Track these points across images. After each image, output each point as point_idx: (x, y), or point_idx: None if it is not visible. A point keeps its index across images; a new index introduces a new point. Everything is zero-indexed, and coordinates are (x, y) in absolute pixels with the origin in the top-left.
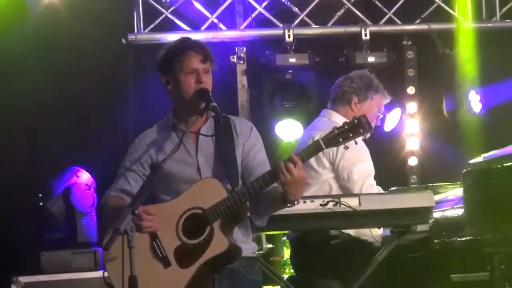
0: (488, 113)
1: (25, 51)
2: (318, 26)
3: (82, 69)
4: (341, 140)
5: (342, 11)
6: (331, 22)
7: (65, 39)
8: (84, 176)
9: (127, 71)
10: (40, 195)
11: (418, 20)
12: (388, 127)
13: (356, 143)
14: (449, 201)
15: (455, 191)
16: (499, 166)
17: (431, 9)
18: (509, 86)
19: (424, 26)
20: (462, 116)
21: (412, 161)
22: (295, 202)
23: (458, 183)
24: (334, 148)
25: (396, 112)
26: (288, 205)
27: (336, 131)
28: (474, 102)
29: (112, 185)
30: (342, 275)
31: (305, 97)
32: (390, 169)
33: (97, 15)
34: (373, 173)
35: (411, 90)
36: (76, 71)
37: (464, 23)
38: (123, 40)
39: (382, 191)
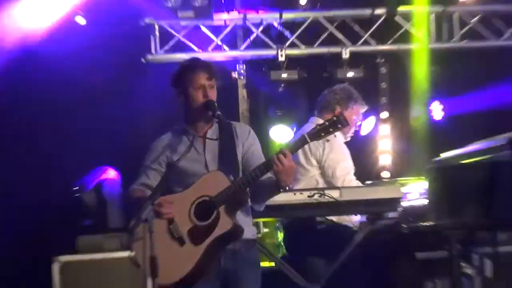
0: (449, 120)
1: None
2: (306, 46)
3: (108, 86)
4: (323, 134)
5: (326, 34)
6: (316, 44)
7: (94, 60)
8: (112, 173)
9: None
10: (76, 188)
11: (390, 41)
12: (364, 131)
13: (335, 136)
14: (415, 192)
15: (420, 184)
16: (455, 163)
17: (400, 31)
18: (469, 99)
19: (394, 47)
20: (424, 122)
21: (384, 160)
22: (286, 188)
23: (422, 177)
24: (321, 150)
25: (371, 119)
26: (281, 190)
27: (318, 127)
28: (436, 111)
29: (135, 180)
30: (327, 254)
31: (295, 106)
32: (366, 166)
33: (120, 39)
34: (353, 170)
35: (383, 100)
36: (103, 88)
37: (426, 44)
38: (142, 59)
39: (360, 184)
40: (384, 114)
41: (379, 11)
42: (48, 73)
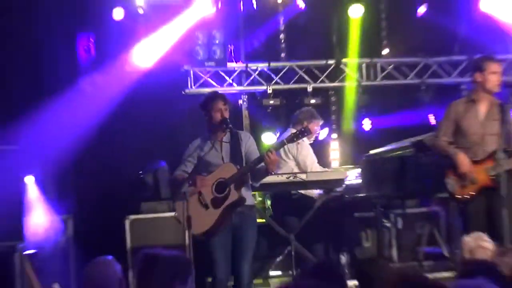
0: (374, 130)
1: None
2: (284, 84)
3: (161, 108)
4: (295, 139)
5: (297, 76)
6: (291, 82)
7: (155, 90)
8: (163, 164)
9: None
10: (141, 172)
11: (337, 80)
12: (321, 137)
13: (303, 140)
14: (353, 175)
15: (357, 170)
16: (378, 156)
17: (343, 74)
18: (387, 118)
19: (339, 84)
20: (352, 131)
21: (334, 155)
22: (272, 172)
23: (357, 166)
24: (295, 149)
25: (325, 129)
26: (269, 174)
27: (292, 134)
28: (366, 124)
29: (177, 168)
30: (298, 214)
31: (277, 121)
32: (322, 158)
33: (171, 78)
34: (316, 161)
35: (333, 118)
36: (160, 109)
37: (358, 82)
38: (182, 92)
39: (320, 170)
40: (333, 127)
41: (331, 61)
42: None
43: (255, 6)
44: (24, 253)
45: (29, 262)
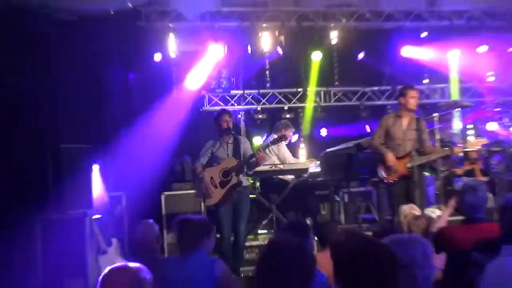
0: (329, 136)
1: None
2: (269, 104)
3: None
4: (276, 142)
5: (277, 99)
6: (273, 103)
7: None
8: (187, 158)
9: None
10: (172, 163)
11: (304, 102)
12: (293, 140)
13: (282, 143)
14: (316, 165)
15: (317, 162)
16: (332, 153)
17: (300, 94)
18: (339, 128)
19: (306, 104)
20: (316, 137)
21: (302, 152)
22: (261, 165)
23: (318, 159)
24: (276, 149)
25: (296, 135)
26: (258, 165)
27: (274, 139)
28: (323, 132)
29: (196, 161)
30: (278, 192)
31: (264, 129)
32: (294, 155)
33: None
34: (290, 156)
35: (301, 127)
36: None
37: (317, 103)
38: (201, 109)
39: (293, 161)
40: (301, 133)
41: (300, 89)
42: None
43: (249, 51)
44: (92, 217)
45: (96, 224)
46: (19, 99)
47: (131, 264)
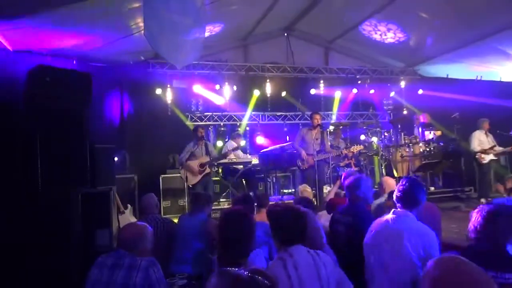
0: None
1: None
2: (228, 122)
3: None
4: (235, 150)
5: (232, 118)
6: (231, 121)
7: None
8: (176, 154)
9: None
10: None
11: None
12: (241, 144)
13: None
14: (254, 160)
15: (257, 157)
16: (267, 151)
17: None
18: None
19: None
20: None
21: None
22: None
23: (258, 156)
24: (233, 150)
25: (244, 141)
26: (222, 159)
27: (233, 148)
28: (259, 139)
29: (181, 156)
30: (233, 175)
31: (225, 136)
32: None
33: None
34: (242, 153)
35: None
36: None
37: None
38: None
39: (243, 156)
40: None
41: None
42: None
43: (217, 88)
44: (113, 190)
45: (116, 195)
46: (71, 115)
47: (138, 222)
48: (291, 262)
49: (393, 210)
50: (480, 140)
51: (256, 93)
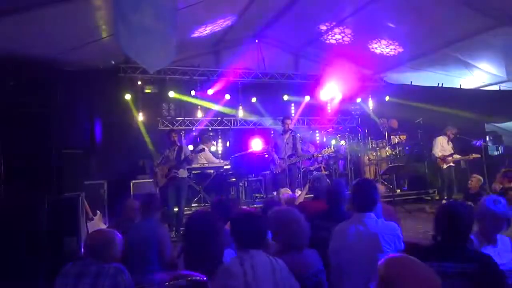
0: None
1: None
2: (199, 127)
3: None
4: (200, 151)
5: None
6: (203, 125)
7: None
8: (146, 159)
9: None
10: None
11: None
12: (212, 149)
13: (207, 150)
14: (228, 164)
15: (229, 162)
16: (239, 155)
17: (218, 121)
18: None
19: (219, 127)
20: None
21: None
22: (194, 164)
23: (229, 160)
24: (203, 154)
25: (214, 146)
26: (192, 164)
27: (199, 149)
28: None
29: (158, 160)
30: (204, 179)
31: (197, 140)
32: (216, 157)
33: None
34: (212, 157)
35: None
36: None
37: (227, 126)
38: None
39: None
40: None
41: (218, 117)
42: None
43: (192, 94)
44: (82, 197)
45: (85, 201)
46: (36, 120)
47: (107, 229)
48: (249, 261)
49: (355, 214)
50: (442, 146)
51: (227, 97)
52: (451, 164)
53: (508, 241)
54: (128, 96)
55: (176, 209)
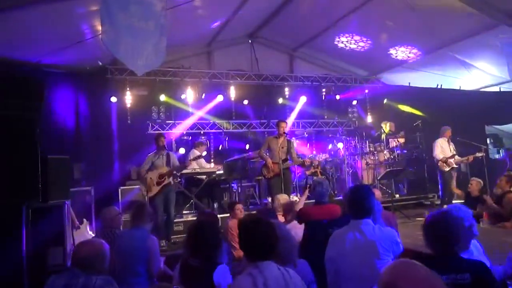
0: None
1: None
2: (191, 130)
3: None
4: (196, 159)
5: (196, 126)
6: (194, 129)
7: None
8: (133, 164)
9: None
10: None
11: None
12: (203, 154)
13: (199, 154)
14: (220, 169)
15: (221, 167)
16: (232, 161)
17: (210, 124)
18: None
19: (212, 130)
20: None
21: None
22: (186, 168)
23: (222, 165)
24: (197, 159)
25: (205, 152)
26: (184, 169)
27: (195, 157)
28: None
29: (142, 166)
30: (196, 186)
31: (188, 145)
32: (208, 161)
33: None
34: (205, 162)
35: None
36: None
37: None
38: (146, 132)
39: (206, 166)
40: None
41: (211, 121)
42: None
43: (183, 97)
44: (68, 204)
45: (71, 209)
46: (20, 123)
47: (94, 239)
48: (262, 279)
49: (352, 220)
50: (442, 147)
51: (219, 99)
52: (454, 165)
53: (478, 244)
54: (114, 99)
55: (165, 217)
